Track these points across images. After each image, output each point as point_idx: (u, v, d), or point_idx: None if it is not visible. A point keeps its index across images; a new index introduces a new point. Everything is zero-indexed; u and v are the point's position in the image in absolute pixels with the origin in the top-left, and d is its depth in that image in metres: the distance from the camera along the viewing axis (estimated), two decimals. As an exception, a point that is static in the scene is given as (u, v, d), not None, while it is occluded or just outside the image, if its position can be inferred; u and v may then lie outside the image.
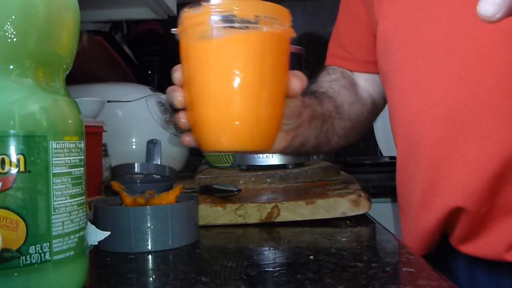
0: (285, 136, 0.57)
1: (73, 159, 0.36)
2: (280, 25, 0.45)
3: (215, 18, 0.43)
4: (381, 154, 1.80)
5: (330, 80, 0.79)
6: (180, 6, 1.47)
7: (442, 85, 0.61)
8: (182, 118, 0.49)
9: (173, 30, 0.47)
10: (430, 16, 0.63)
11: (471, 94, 0.58)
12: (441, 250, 0.67)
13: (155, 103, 1.17)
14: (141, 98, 1.17)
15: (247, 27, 0.43)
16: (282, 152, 0.61)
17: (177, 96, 0.48)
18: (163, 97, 1.20)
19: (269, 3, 0.44)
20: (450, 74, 0.60)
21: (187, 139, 0.52)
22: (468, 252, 0.63)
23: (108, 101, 1.02)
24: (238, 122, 0.45)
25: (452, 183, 0.60)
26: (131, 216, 0.51)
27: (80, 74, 0.97)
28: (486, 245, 0.60)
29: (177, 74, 0.48)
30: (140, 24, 1.65)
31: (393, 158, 1.63)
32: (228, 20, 0.43)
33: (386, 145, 1.79)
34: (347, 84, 0.79)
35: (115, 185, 0.60)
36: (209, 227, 0.62)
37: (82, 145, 0.38)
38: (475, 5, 0.59)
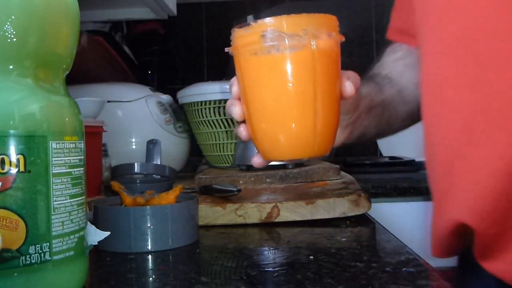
0: (342, 131, 0.56)
1: (73, 159, 0.36)
2: (328, 35, 0.46)
3: (264, 36, 0.45)
4: (381, 154, 1.80)
5: (394, 60, 0.74)
6: (180, 6, 1.48)
7: (461, 88, 0.55)
8: (243, 131, 0.51)
9: (227, 49, 0.49)
10: (457, 5, 0.56)
11: (487, 103, 0.53)
12: (464, 261, 0.63)
13: (155, 103, 1.17)
14: (141, 98, 1.17)
15: (296, 42, 0.45)
16: (342, 145, 0.60)
17: (237, 110, 0.49)
18: (163, 97, 1.20)
19: (316, 15, 0.46)
20: (469, 76, 0.54)
21: (258, 161, 0.52)
22: (487, 269, 0.56)
23: (108, 101, 1.02)
24: (296, 133, 0.47)
25: (458, 198, 0.56)
26: (131, 216, 0.51)
27: (80, 74, 0.97)
28: (503, 268, 0.54)
29: (234, 88, 0.50)
30: (140, 24, 1.65)
31: (393, 158, 1.64)
32: (277, 37, 0.44)
33: (386, 145, 1.79)
34: (412, 62, 0.71)
35: (115, 185, 0.60)
36: (209, 227, 0.62)
37: (82, 145, 0.38)
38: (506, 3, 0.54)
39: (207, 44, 1.93)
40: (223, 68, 1.35)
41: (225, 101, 1.03)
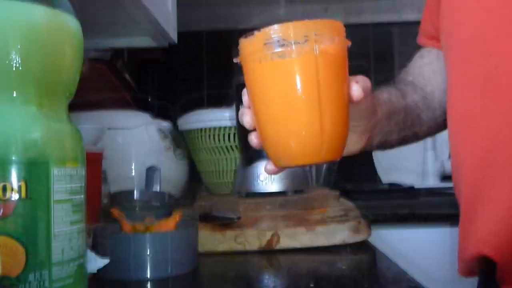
0: (360, 137, 0.56)
1: (74, 185, 0.36)
2: (330, 40, 0.45)
3: (267, 43, 0.45)
4: (380, 181, 1.80)
5: (421, 65, 0.74)
6: (181, 34, 1.49)
7: (484, 118, 0.54)
8: (254, 138, 0.51)
9: (235, 59, 0.49)
10: (483, 40, 0.55)
11: (509, 136, 0.52)
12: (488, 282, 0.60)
13: (155, 130, 1.17)
14: (141, 125, 1.17)
15: (298, 48, 0.45)
16: (361, 152, 0.59)
17: (247, 118, 0.50)
18: (163, 124, 1.21)
19: (318, 21, 0.46)
20: (495, 111, 0.53)
21: (270, 168, 0.52)
22: None
23: (108, 128, 1.02)
24: (302, 139, 0.46)
25: (480, 230, 0.55)
26: (131, 243, 0.51)
27: (81, 101, 0.97)
28: None
29: (245, 97, 0.50)
30: (141, 52, 1.66)
31: (393, 185, 1.63)
32: (280, 44, 0.45)
33: (385, 172, 1.79)
34: (440, 67, 0.70)
35: (115, 212, 0.59)
36: (209, 255, 0.62)
37: (83, 172, 0.38)
38: None
39: (207, 71, 1.95)
40: (223, 96, 1.36)
41: (225, 128, 1.03)
